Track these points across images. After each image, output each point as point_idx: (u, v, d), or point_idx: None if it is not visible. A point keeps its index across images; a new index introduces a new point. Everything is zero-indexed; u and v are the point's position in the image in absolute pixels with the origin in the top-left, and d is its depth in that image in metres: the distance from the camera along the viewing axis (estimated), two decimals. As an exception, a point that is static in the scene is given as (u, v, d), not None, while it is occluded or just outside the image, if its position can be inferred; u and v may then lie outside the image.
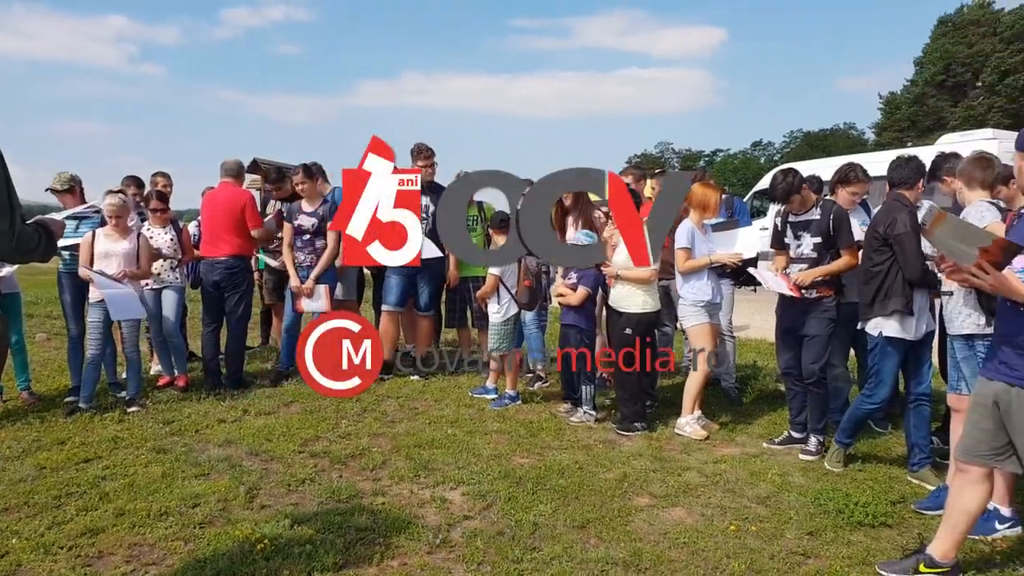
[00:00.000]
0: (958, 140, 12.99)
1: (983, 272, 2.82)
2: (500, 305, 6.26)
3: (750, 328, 9.92)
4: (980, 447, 3.16)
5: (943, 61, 43.73)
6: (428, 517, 3.97)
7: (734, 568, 3.42)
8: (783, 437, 5.28)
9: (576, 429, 5.56)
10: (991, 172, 4.03)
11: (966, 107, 42.13)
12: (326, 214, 6.81)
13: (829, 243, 4.89)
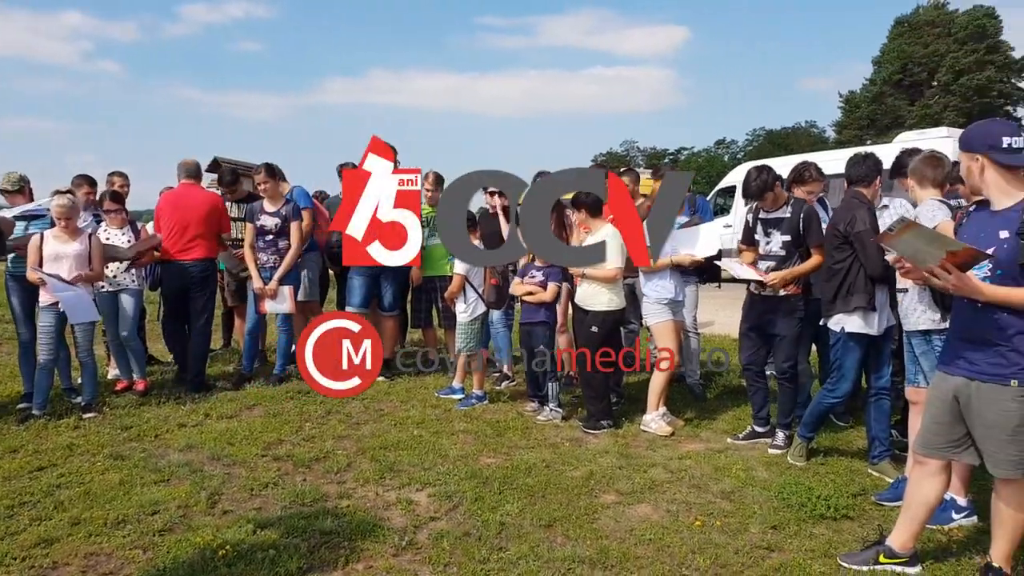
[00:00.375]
0: (915, 138, 13.26)
1: (945, 272, 2.87)
2: (467, 304, 6.23)
3: (714, 324, 10.00)
4: (938, 440, 3.22)
5: (900, 61, 44.59)
6: (394, 519, 3.94)
7: (699, 563, 3.43)
8: (746, 432, 5.33)
9: (543, 428, 5.56)
10: (941, 171, 4.11)
11: (922, 106, 43.00)
12: (289, 214, 6.72)
13: (798, 241, 4.94)
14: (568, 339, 6.68)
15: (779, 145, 51.36)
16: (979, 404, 3.03)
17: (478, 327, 6.27)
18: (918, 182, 4.15)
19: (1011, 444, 2.98)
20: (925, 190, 4.12)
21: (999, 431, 2.99)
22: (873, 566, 3.32)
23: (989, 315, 2.98)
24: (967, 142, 3.04)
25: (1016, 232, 2.91)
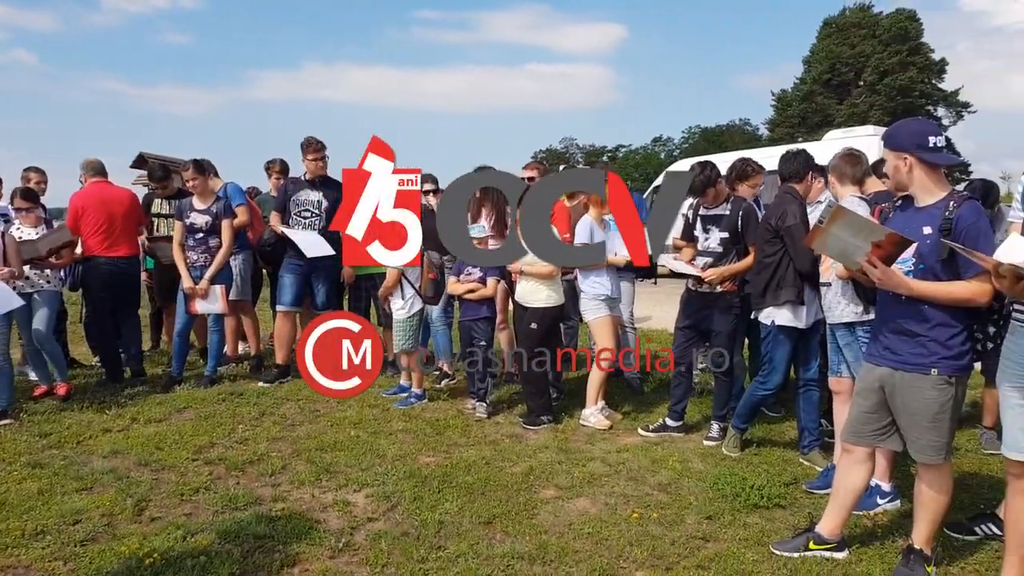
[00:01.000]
0: (842, 136, 13.66)
1: (872, 268, 2.95)
2: (404, 301, 6.16)
3: (652, 320, 10.13)
4: (865, 429, 3.31)
5: (829, 61, 45.96)
6: (330, 521, 3.87)
7: (637, 555, 3.47)
8: (658, 425, 5.40)
9: (483, 425, 5.54)
10: (860, 168, 4.24)
11: (850, 105, 44.41)
12: (220, 211, 6.54)
13: (736, 238, 5.02)
14: (509, 336, 6.68)
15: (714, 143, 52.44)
16: (903, 393, 3.13)
17: (416, 324, 6.21)
18: (838, 179, 4.27)
19: (932, 430, 3.09)
20: (845, 187, 4.25)
21: (921, 418, 3.09)
22: (803, 552, 3.40)
23: (912, 308, 3.08)
24: (895, 141, 3.11)
25: (938, 229, 3.01)
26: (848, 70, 45.55)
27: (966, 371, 3.12)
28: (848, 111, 43.36)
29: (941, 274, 3.01)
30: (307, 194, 6.80)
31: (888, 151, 3.13)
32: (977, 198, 3.11)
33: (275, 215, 6.90)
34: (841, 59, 45.45)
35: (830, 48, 46.12)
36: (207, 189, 6.62)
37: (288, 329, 6.85)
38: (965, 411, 5.13)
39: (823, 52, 46.57)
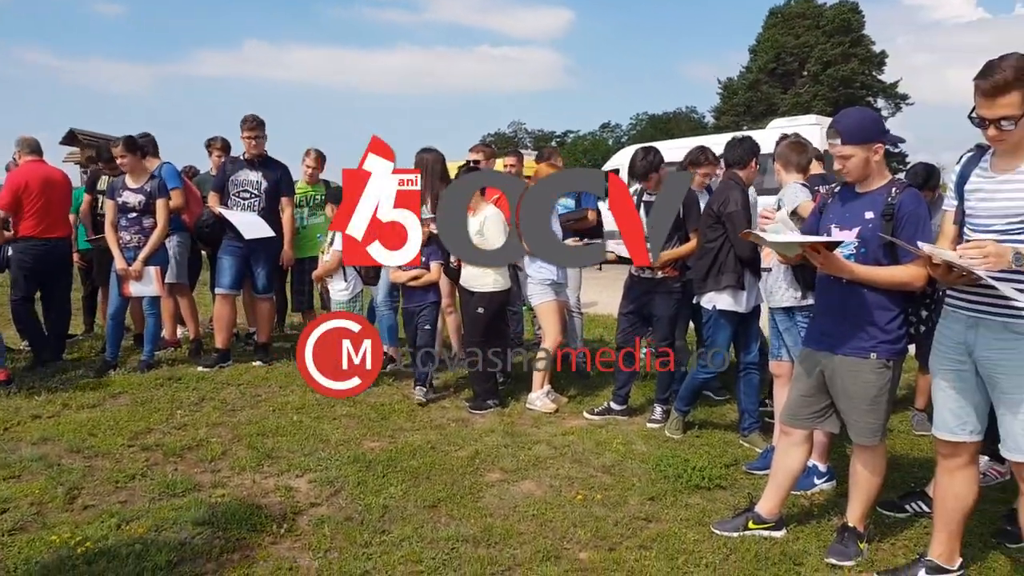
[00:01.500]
0: (786, 124, 13.94)
1: (815, 254, 3.01)
2: (348, 282, 6.09)
3: (598, 304, 10.21)
4: (802, 411, 3.38)
5: (774, 50, 46.72)
6: (272, 507, 3.80)
7: (580, 536, 3.49)
8: (602, 408, 5.46)
9: (429, 410, 5.51)
10: (805, 156, 4.32)
11: (794, 94, 45.26)
12: (154, 190, 6.34)
13: (678, 224, 5.06)
14: (456, 320, 6.65)
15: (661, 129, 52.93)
16: (842, 376, 3.20)
17: (359, 306, 6.15)
18: (783, 166, 4.35)
19: (870, 413, 3.17)
20: (790, 174, 4.32)
21: (859, 401, 3.17)
22: (743, 532, 3.46)
23: (852, 292, 3.14)
24: (863, 135, 3.09)
25: (881, 214, 3.08)
26: (792, 60, 46.39)
27: (903, 355, 3.22)
28: (792, 100, 44.19)
29: (883, 258, 3.08)
30: (246, 174, 6.64)
31: (853, 146, 3.09)
32: (916, 186, 3.20)
33: (213, 195, 6.72)
34: (786, 49, 46.25)
35: (775, 38, 46.89)
36: (140, 167, 6.40)
37: (227, 312, 6.69)
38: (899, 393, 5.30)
39: (769, 42, 47.32)
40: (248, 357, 6.96)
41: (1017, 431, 2.74)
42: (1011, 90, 2.55)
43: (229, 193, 6.63)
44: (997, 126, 2.61)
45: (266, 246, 6.59)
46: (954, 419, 2.93)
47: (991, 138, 2.69)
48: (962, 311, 2.87)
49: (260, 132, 6.66)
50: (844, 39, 45.00)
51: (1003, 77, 2.54)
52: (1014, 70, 2.54)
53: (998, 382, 2.77)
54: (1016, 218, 2.67)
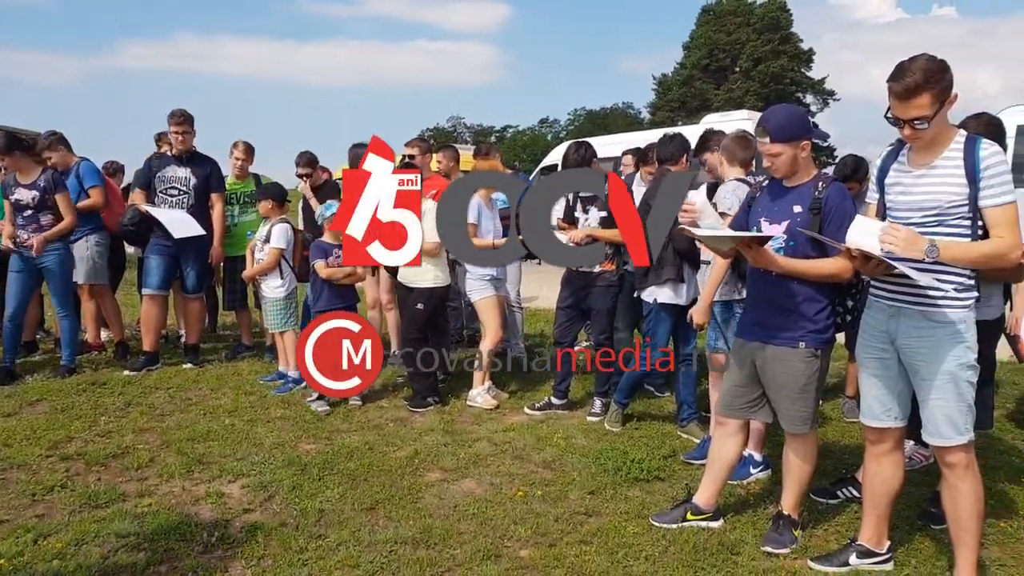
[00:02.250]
0: (719, 120, 14.18)
1: (747, 248, 3.05)
2: (283, 279, 5.95)
3: (538, 299, 10.22)
4: (736, 402, 3.43)
5: (707, 47, 47.63)
6: (203, 514, 3.68)
7: (521, 533, 3.47)
8: (543, 403, 5.45)
9: (366, 410, 5.40)
10: (750, 151, 4.35)
11: (727, 90, 46.23)
12: (48, 185, 5.97)
13: (612, 217, 5.07)
14: (395, 317, 6.56)
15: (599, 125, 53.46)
16: (772, 366, 3.26)
17: (294, 303, 6.01)
18: (728, 160, 4.36)
19: (800, 401, 3.23)
20: (733, 168, 4.35)
21: (789, 390, 3.23)
22: (681, 523, 3.49)
23: (781, 284, 3.19)
24: (790, 132, 3.13)
25: (808, 208, 3.13)
26: (725, 56, 47.36)
27: (830, 344, 3.29)
28: (725, 96, 45.13)
29: (811, 251, 3.13)
30: (174, 170, 6.42)
31: (781, 144, 3.14)
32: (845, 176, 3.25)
33: (138, 193, 6.48)
34: (718, 45, 47.19)
35: (708, 34, 47.80)
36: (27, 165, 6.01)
37: (156, 313, 6.45)
38: (830, 382, 5.43)
39: (702, 38, 48.22)
40: (178, 359, 6.74)
41: (937, 416, 2.82)
42: (922, 92, 2.62)
43: (156, 190, 6.39)
44: (911, 126, 2.68)
45: (195, 244, 6.38)
46: (879, 406, 3.01)
47: (906, 137, 2.77)
48: (884, 301, 2.95)
49: (188, 127, 6.43)
50: (774, 36, 46.17)
51: (913, 80, 2.61)
52: (923, 72, 2.61)
53: (918, 369, 2.86)
54: (931, 211, 2.76)
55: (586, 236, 5.04)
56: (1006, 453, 4.48)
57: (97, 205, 6.46)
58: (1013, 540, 3.39)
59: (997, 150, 2.71)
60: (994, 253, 2.67)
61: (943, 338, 2.79)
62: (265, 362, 6.63)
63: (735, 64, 47.34)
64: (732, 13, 47.45)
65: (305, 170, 6.68)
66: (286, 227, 6.03)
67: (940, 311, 2.79)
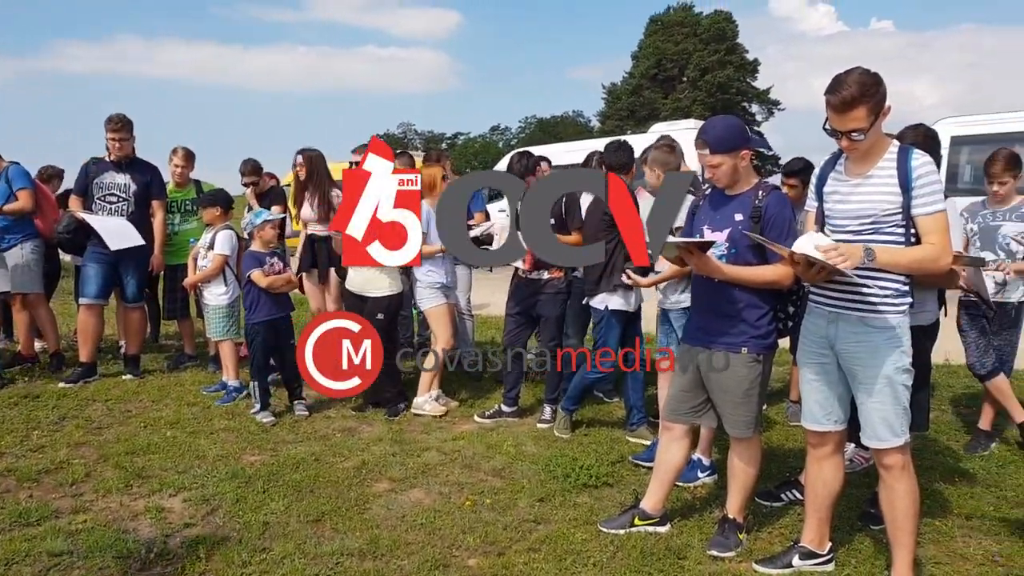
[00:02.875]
0: (666, 129, 14.37)
1: (690, 255, 3.09)
2: (227, 287, 5.84)
3: (490, 306, 10.20)
4: (682, 407, 3.47)
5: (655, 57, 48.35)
6: (142, 530, 3.58)
7: (470, 543, 3.45)
8: (493, 411, 5.44)
9: (314, 420, 5.32)
10: (676, 157, 4.40)
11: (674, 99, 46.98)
12: None
13: (560, 224, 5.10)
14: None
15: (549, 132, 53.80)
16: (717, 370, 3.30)
17: (237, 311, 5.90)
18: (662, 170, 4.40)
19: (743, 406, 3.28)
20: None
21: (733, 395, 3.28)
22: (629, 528, 3.51)
23: (724, 290, 3.25)
24: (730, 143, 3.19)
25: (749, 216, 3.19)
26: (673, 66, 48.13)
27: (772, 349, 3.35)
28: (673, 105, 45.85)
29: (752, 258, 3.19)
30: (112, 176, 6.24)
31: (721, 155, 3.19)
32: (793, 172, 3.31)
33: (75, 199, 6.29)
34: (666, 55, 47.94)
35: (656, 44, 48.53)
36: None
37: (93, 323, 6.25)
38: (774, 386, 5.53)
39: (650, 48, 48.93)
40: (117, 370, 6.55)
41: (875, 419, 2.90)
42: (857, 105, 2.69)
43: (93, 196, 6.21)
44: (848, 137, 2.75)
45: (135, 253, 6.21)
46: (820, 410, 3.07)
47: (843, 148, 2.85)
48: (824, 307, 3.01)
49: (125, 134, 6.24)
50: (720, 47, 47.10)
51: (849, 93, 2.68)
52: (859, 86, 2.68)
53: (856, 373, 2.93)
54: (867, 219, 2.84)
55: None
56: (940, 454, 4.61)
57: (25, 208, 6.22)
58: (948, 538, 3.49)
59: (928, 160, 2.80)
60: (926, 258, 2.75)
61: (880, 343, 2.86)
62: (209, 372, 6.49)
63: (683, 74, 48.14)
64: (679, 24, 48.26)
65: (250, 178, 6.58)
66: (231, 234, 5.92)
67: (878, 316, 2.86)
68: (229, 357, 5.82)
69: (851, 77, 2.70)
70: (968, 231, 4.63)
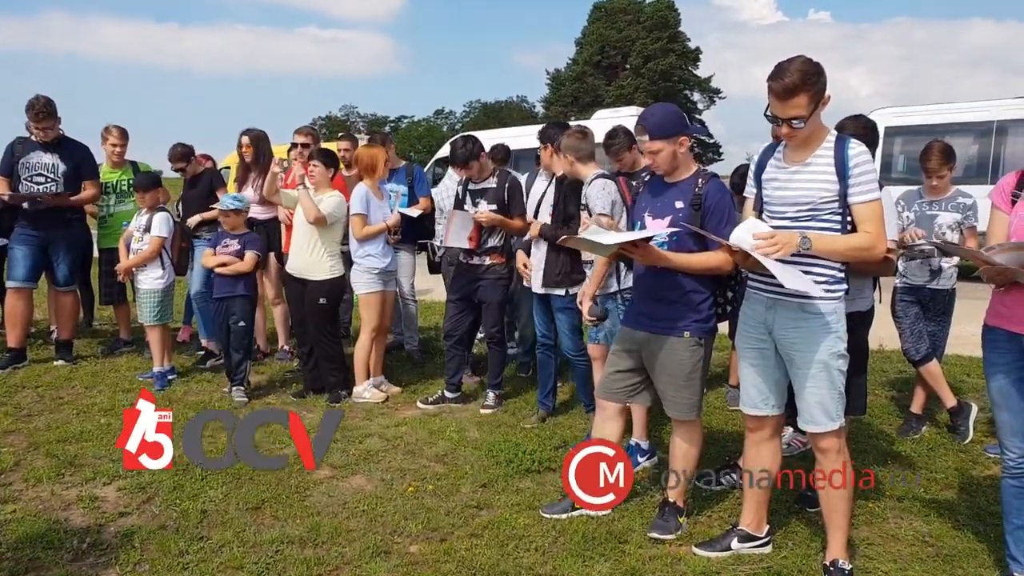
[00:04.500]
0: (609, 115, 14.50)
1: (632, 247, 3.12)
2: (164, 270, 5.70)
3: (433, 292, 10.14)
4: (616, 386, 3.52)
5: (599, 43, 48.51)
6: (74, 520, 3.49)
7: (412, 529, 3.45)
8: (436, 396, 5.42)
9: (254, 407, 5.24)
10: (587, 144, 4.41)
11: (618, 86, 47.25)
12: None
13: (503, 210, 5.10)
14: (284, 311, 6.39)
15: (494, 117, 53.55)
16: (658, 354, 3.36)
17: (171, 297, 5.78)
18: (577, 158, 4.42)
19: (686, 388, 3.34)
20: (586, 165, 4.41)
21: (676, 378, 3.33)
22: (571, 513, 3.54)
23: (666, 276, 3.30)
24: (668, 129, 3.23)
25: (689, 203, 3.24)
26: (616, 53, 48.38)
27: (713, 333, 3.42)
28: (616, 92, 46.12)
29: (692, 245, 3.24)
30: (39, 156, 6.01)
31: (660, 141, 3.23)
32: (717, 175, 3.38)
33: (0, 180, 6.03)
34: (610, 42, 48.14)
35: (600, 31, 48.68)
36: None
37: (22, 308, 6.03)
38: (713, 371, 5.64)
39: (594, 35, 49.07)
40: (48, 356, 6.33)
41: (812, 404, 2.97)
42: (799, 92, 2.75)
43: (20, 177, 5.96)
44: (789, 124, 2.81)
45: (67, 235, 6.01)
46: (758, 395, 3.15)
47: (784, 135, 2.90)
48: (762, 293, 3.07)
49: (48, 122, 5.96)
50: (662, 35, 47.48)
51: (791, 81, 2.73)
52: (800, 75, 2.73)
53: (794, 359, 3.00)
54: (805, 206, 2.90)
55: (490, 220, 5.03)
56: (874, 437, 4.75)
57: None
58: (880, 520, 3.61)
59: (864, 150, 2.88)
60: (861, 246, 2.83)
61: (816, 328, 2.94)
62: (145, 358, 6.30)
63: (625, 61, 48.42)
64: (623, 11, 48.48)
65: (178, 164, 6.39)
66: (166, 215, 5.77)
67: (814, 303, 2.93)
68: (159, 343, 5.69)
69: (793, 65, 2.76)
70: (904, 219, 4.72)
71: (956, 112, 12.39)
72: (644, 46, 46.91)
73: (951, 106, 12.67)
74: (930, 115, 12.53)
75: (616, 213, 4.25)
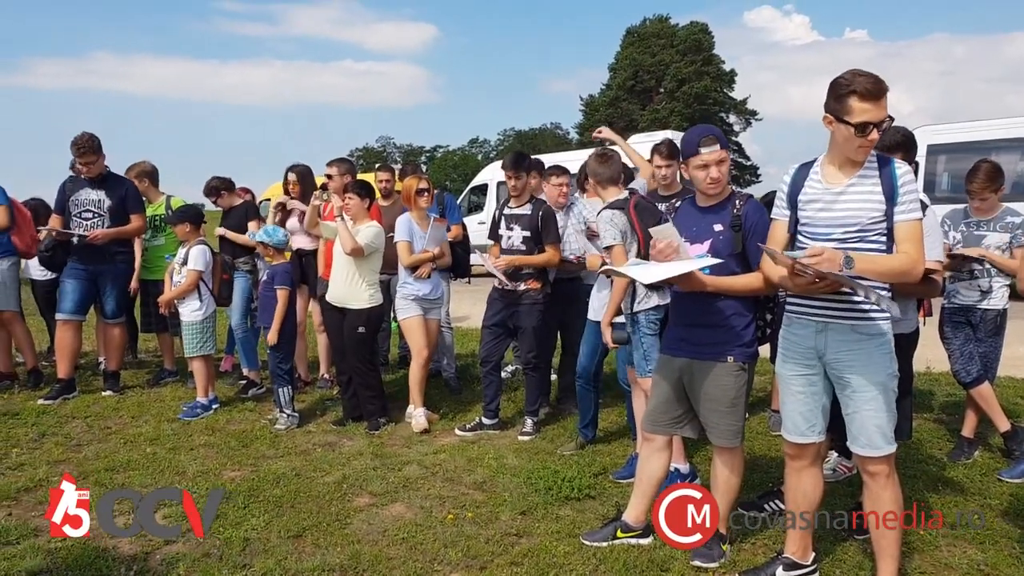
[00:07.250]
0: (644, 140, 14.50)
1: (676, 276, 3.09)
2: (202, 302, 5.82)
3: (470, 319, 10.20)
4: (663, 418, 3.47)
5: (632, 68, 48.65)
6: (122, 547, 3.53)
7: (451, 557, 3.43)
8: (474, 423, 5.42)
9: (293, 435, 5.29)
10: (608, 169, 4.33)
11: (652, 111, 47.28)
12: None
13: (537, 238, 5.13)
14: (325, 340, 6.47)
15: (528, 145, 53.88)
16: (701, 381, 3.31)
17: (213, 326, 5.89)
18: (598, 183, 4.37)
19: (730, 415, 3.29)
20: (608, 190, 4.33)
21: (720, 404, 3.28)
22: (612, 541, 3.51)
23: (707, 301, 3.26)
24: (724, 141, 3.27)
25: (729, 225, 3.22)
26: (650, 77, 48.47)
27: (756, 357, 3.37)
28: (651, 116, 46.15)
29: (736, 267, 3.21)
30: (87, 193, 6.22)
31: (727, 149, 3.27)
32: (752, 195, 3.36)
33: (54, 217, 6.28)
34: (643, 67, 48.26)
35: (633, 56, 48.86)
36: None
37: (70, 340, 6.20)
38: (754, 396, 5.56)
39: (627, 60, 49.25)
40: (97, 387, 6.48)
41: (870, 427, 2.87)
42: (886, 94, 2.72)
43: (71, 214, 6.18)
44: (878, 128, 2.74)
45: (114, 270, 6.19)
46: (804, 422, 3.06)
47: (869, 142, 2.77)
48: (809, 317, 2.98)
49: (92, 157, 6.15)
50: (696, 58, 47.48)
51: (883, 81, 2.71)
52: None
53: (849, 381, 2.90)
54: (853, 227, 2.83)
55: (509, 264, 5.08)
56: (924, 462, 4.61)
57: (1, 225, 6.19)
58: (932, 548, 3.49)
59: (909, 169, 2.83)
60: (900, 268, 2.77)
61: (872, 350, 2.87)
62: (189, 388, 6.43)
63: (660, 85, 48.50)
64: (656, 35, 48.65)
65: (211, 197, 6.59)
66: (204, 249, 5.92)
67: (870, 323, 2.86)
68: (201, 374, 5.80)
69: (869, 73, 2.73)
70: (951, 239, 4.61)
71: (1000, 128, 12.08)
72: (678, 70, 46.97)
73: (994, 122, 12.37)
74: (973, 131, 12.22)
75: (628, 243, 4.12)
